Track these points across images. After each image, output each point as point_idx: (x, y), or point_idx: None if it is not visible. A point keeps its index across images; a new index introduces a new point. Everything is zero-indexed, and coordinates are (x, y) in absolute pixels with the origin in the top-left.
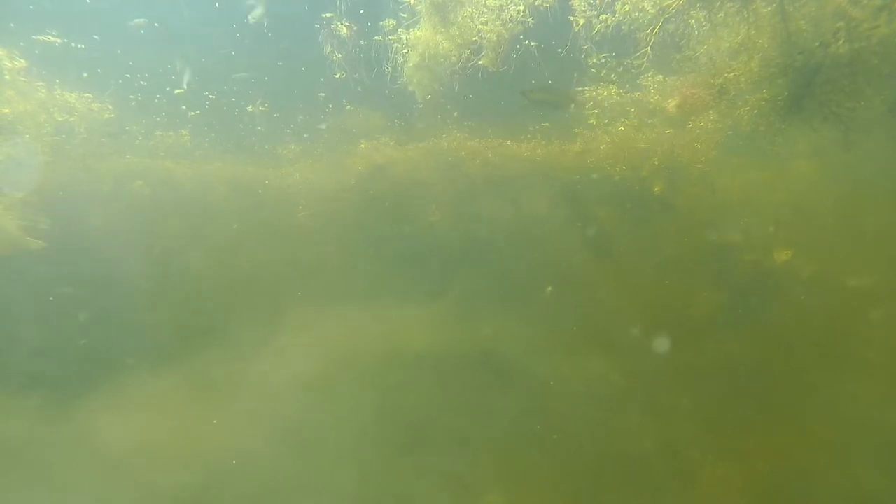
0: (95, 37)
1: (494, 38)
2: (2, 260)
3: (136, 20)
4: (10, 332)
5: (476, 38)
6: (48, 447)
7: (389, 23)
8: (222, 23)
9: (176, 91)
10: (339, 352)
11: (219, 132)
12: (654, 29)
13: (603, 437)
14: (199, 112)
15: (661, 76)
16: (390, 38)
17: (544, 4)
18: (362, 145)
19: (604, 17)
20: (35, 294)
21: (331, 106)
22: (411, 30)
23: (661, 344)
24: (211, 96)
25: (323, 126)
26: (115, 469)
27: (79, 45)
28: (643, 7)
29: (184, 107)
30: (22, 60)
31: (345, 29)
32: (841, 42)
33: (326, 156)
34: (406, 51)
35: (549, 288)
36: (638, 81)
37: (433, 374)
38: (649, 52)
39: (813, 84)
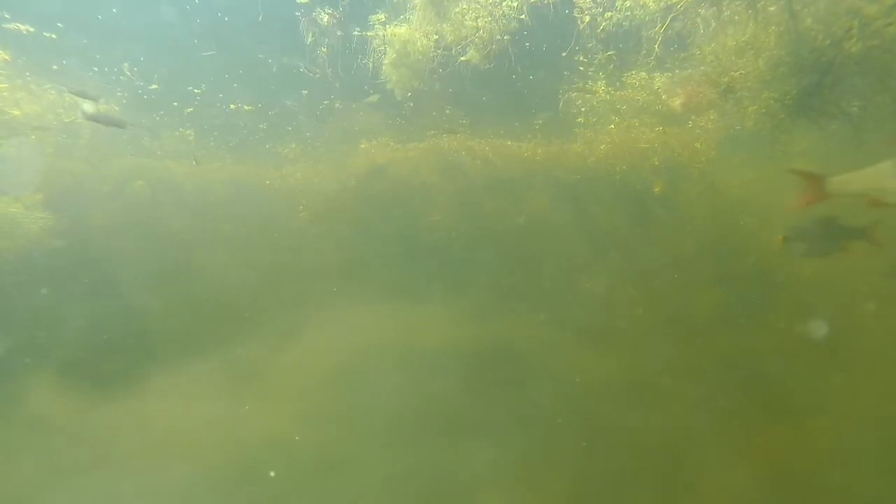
0: (59, 24)
1: (486, 35)
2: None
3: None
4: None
5: (468, 34)
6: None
7: (378, 17)
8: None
9: (151, 86)
10: (347, 349)
11: (221, 131)
12: (661, 27)
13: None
14: (192, 109)
15: (664, 74)
16: (368, 33)
17: (542, 1)
18: (363, 145)
19: (609, 14)
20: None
21: (325, 103)
22: (388, 26)
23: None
24: (196, 91)
25: (324, 129)
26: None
27: (51, 35)
28: (644, 3)
29: (175, 103)
30: (2, 53)
31: (326, 17)
32: (854, 40)
33: (327, 155)
34: (384, 47)
35: (551, 284)
36: (631, 80)
37: (438, 369)
38: (657, 50)
39: (822, 83)
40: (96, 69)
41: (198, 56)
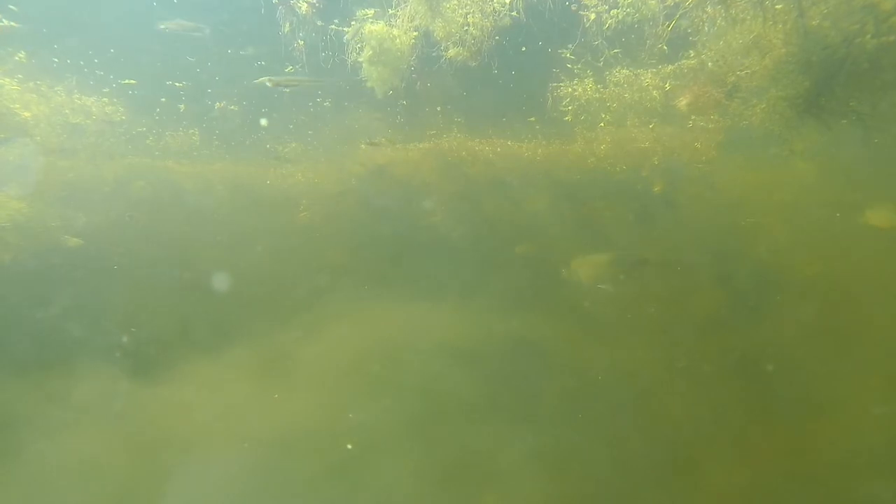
0: (12, 7)
1: (476, 32)
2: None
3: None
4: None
5: (456, 30)
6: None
7: (366, 13)
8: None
9: (124, 81)
10: (360, 343)
11: (222, 130)
12: (669, 24)
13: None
14: (184, 107)
15: (667, 73)
16: (346, 28)
17: None
18: (363, 145)
19: (614, 12)
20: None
21: (317, 100)
22: (364, 23)
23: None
24: (178, 85)
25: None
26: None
27: (12, 24)
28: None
29: (163, 99)
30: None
31: (305, 7)
32: (868, 37)
33: (327, 155)
34: (361, 44)
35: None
36: (630, 79)
37: (446, 361)
38: (665, 48)
39: (833, 80)
40: (57, 60)
41: (167, 46)
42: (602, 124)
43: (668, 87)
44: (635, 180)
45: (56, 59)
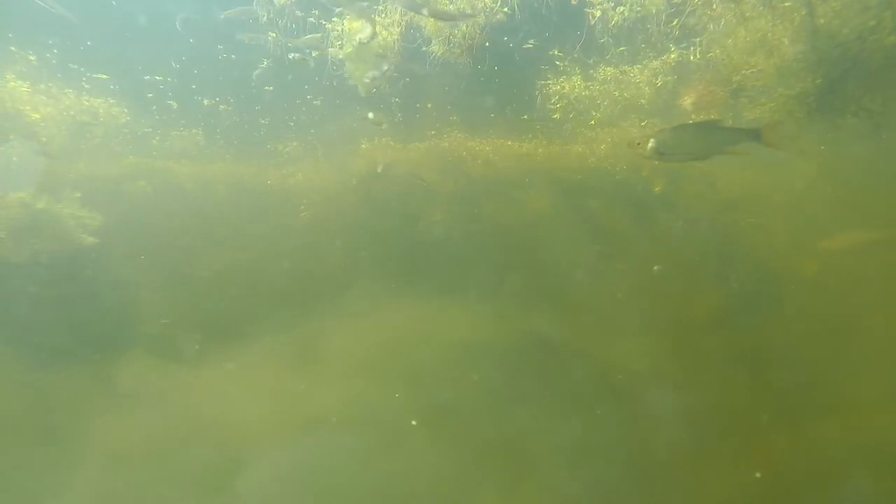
0: None
1: (466, 28)
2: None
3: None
4: None
5: (445, 27)
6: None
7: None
8: None
9: (97, 75)
10: (374, 339)
11: (224, 129)
12: (677, 22)
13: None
14: (176, 104)
15: (669, 70)
16: (326, 24)
17: None
18: (363, 145)
19: (620, 9)
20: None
21: (308, 97)
22: (344, 19)
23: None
24: (158, 78)
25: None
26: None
27: None
28: None
29: (150, 95)
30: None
31: None
32: (886, 33)
33: (327, 155)
34: (340, 41)
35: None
36: (628, 77)
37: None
38: (672, 47)
39: (844, 79)
40: (14, 49)
41: (136, 37)
42: (592, 122)
43: (659, 83)
44: (636, 180)
45: (13, 48)
